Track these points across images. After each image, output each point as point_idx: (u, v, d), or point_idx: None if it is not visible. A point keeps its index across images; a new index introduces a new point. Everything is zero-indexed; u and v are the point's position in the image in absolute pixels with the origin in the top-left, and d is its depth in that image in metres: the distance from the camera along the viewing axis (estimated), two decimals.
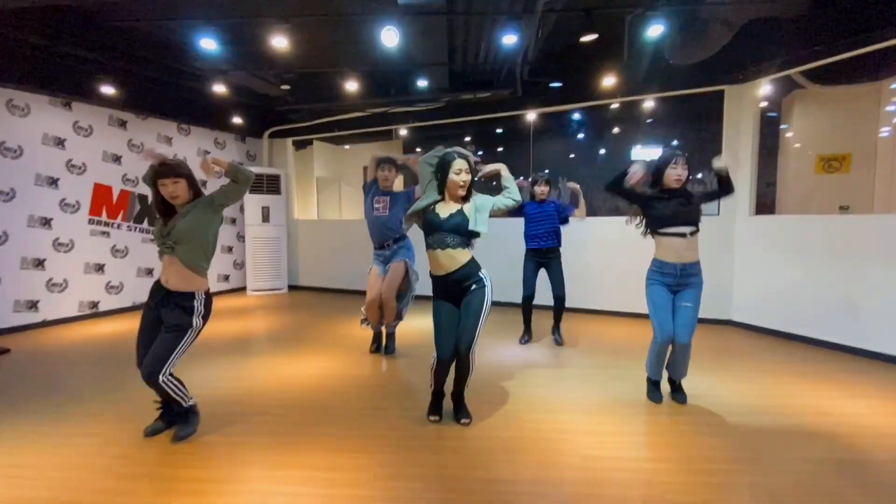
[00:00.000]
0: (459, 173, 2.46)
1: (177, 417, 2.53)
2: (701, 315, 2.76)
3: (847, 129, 5.30)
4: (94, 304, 5.43)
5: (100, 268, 5.47)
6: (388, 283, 3.67)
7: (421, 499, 1.91)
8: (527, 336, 4.16)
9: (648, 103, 5.52)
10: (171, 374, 2.35)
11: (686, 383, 2.93)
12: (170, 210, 2.41)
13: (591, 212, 6.85)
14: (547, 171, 4.17)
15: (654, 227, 2.77)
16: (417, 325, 4.46)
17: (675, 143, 7.18)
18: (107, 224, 5.53)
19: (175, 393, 2.38)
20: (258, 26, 4.00)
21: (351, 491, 1.97)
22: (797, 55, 4.10)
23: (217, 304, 2.79)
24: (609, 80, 4.76)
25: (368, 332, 4.07)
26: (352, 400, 2.97)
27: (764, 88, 4.85)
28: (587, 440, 2.39)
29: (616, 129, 6.76)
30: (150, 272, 5.94)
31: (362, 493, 1.95)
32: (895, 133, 5.02)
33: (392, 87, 5.60)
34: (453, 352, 2.46)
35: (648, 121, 6.40)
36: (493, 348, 3.99)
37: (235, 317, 5.55)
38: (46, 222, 4.99)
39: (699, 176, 5.64)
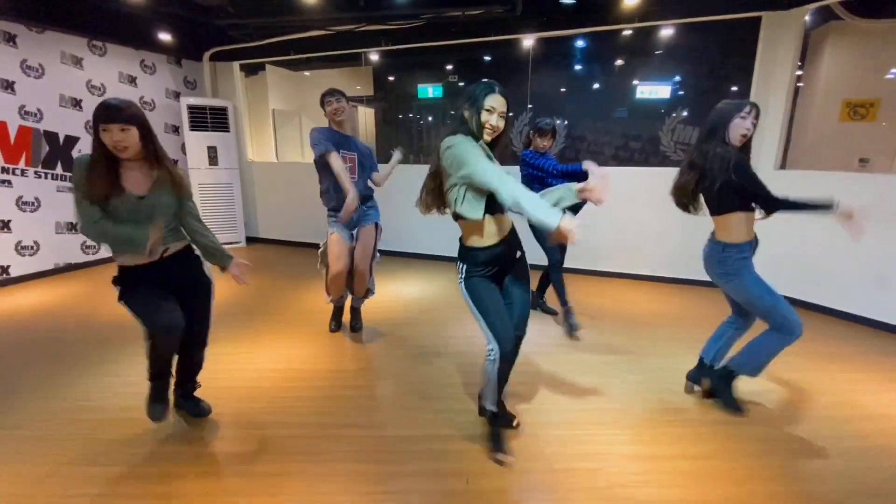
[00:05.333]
0: (492, 112, 1.78)
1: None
2: (706, 279, 2.36)
3: (879, 72, 4.71)
4: (4, 269, 4.50)
5: (5, 225, 4.47)
6: (362, 253, 3.06)
7: None
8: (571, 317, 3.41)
9: (666, 31, 4.71)
10: None
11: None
12: (112, 175, 1.79)
13: (591, 160, 6.17)
14: (548, 119, 3.33)
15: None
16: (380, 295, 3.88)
17: (677, 78, 6.43)
18: (5, 171, 4.45)
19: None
20: None
21: None
22: None
23: None
24: (632, 0, 3.89)
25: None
26: (333, 411, 2.40)
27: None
28: (634, 478, 1.95)
29: (620, 62, 5.91)
30: (71, 227, 4.97)
31: None
32: None
33: (360, 0, 4.51)
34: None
35: (658, 52, 5.59)
36: None
37: None
38: None
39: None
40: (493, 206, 1.78)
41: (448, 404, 2.43)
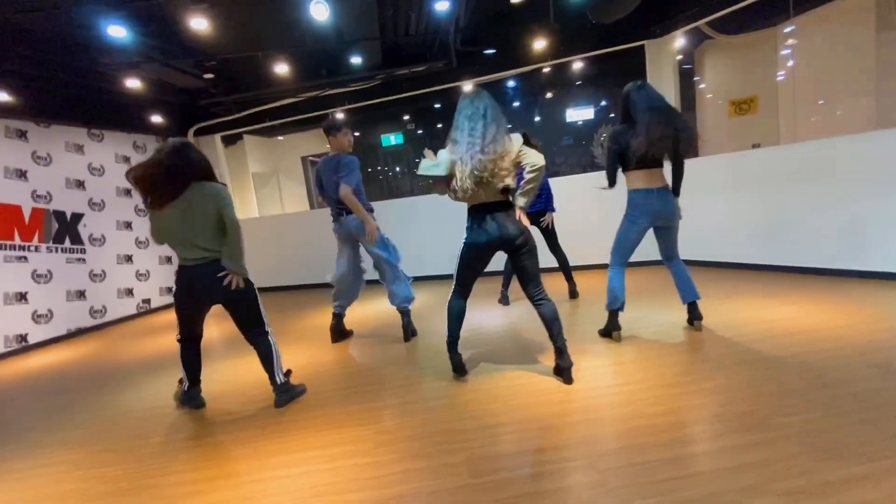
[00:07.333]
0: None
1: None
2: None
3: (752, 74, 5.82)
4: (23, 338, 4.92)
5: (22, 297, 4.94)
6: None
7: (421, 454, 1.96)
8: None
9: (578, 65, 5.74)
10: None
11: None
12: None
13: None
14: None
15: None
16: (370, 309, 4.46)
17: (603, 102, 7.53)
18: (22, 248, 4.98)
19: None
20: (171, 8, 3.70)
21: (355, 460, 1.98)
22: (704, 7, 4.43)
23: (166, 317, 2.72)
24: (540, 44, 4.89)
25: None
26: (336, 382, 2.95)
27: (679, 41, 5.20)
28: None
29: (549, 94, 6.97)
30: (81, 295, 5.45)
31: (366, 460, 1.98)
32: (790, 74, 5.58)
33: (323, 69, 5.42)
34: None
35: (578, 83, 6.66)
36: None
37: None
38: None
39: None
40: None
41: (430, 364, 3.00)
